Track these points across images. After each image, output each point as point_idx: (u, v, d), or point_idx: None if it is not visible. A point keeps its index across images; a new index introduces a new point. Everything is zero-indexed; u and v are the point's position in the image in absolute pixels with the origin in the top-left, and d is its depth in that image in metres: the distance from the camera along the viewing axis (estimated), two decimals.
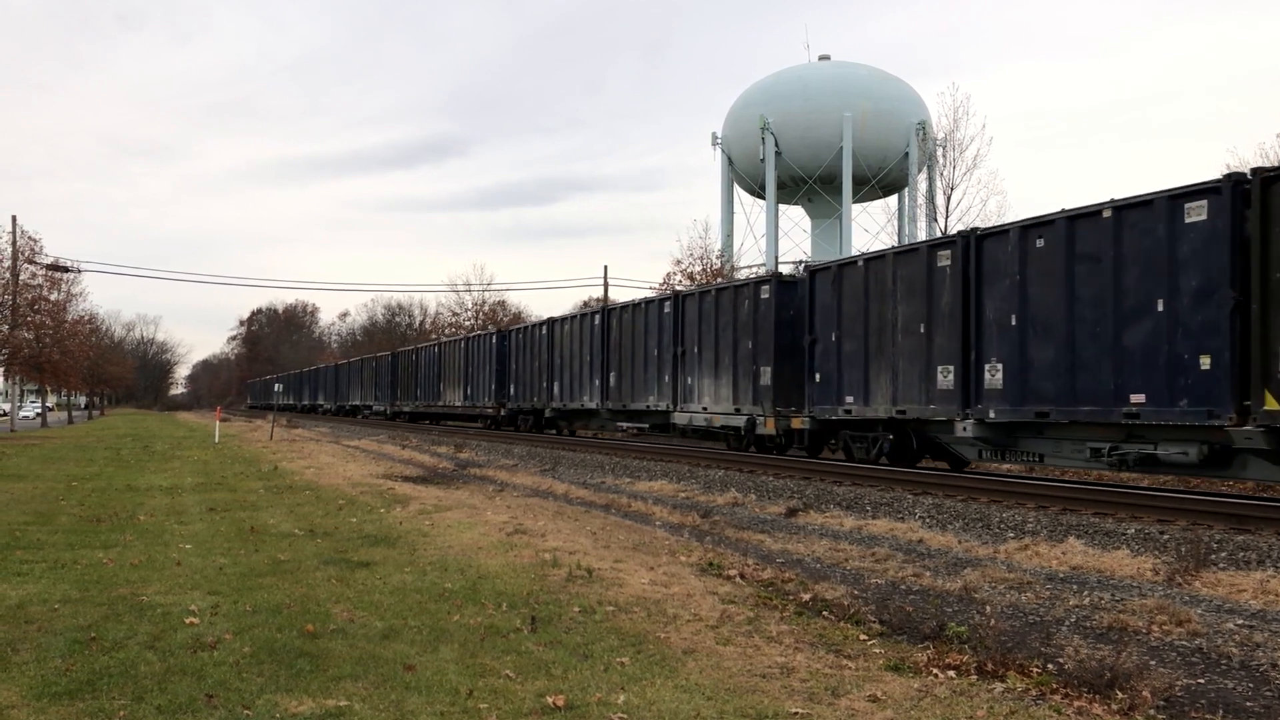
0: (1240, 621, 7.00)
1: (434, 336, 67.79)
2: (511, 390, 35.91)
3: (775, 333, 20.30)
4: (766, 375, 20.54)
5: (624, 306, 27.78)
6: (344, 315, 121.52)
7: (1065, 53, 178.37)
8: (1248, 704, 5.31)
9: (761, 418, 20.48)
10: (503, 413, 36.66)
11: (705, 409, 22.91)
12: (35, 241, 43.22)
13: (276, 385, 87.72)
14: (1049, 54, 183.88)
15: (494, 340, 37.36)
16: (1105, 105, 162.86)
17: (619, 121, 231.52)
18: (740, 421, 21.31)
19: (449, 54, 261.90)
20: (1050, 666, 5.79)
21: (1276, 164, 18.94)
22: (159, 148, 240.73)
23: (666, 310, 24.88)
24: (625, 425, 28.60)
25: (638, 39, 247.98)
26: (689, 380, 23.64)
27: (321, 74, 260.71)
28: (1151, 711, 4.95)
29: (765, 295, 20.78)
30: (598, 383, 28.58)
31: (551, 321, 32.65)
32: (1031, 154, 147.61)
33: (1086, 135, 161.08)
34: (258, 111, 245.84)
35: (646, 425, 27.26)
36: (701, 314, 23.21)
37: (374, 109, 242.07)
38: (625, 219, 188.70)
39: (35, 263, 43.52)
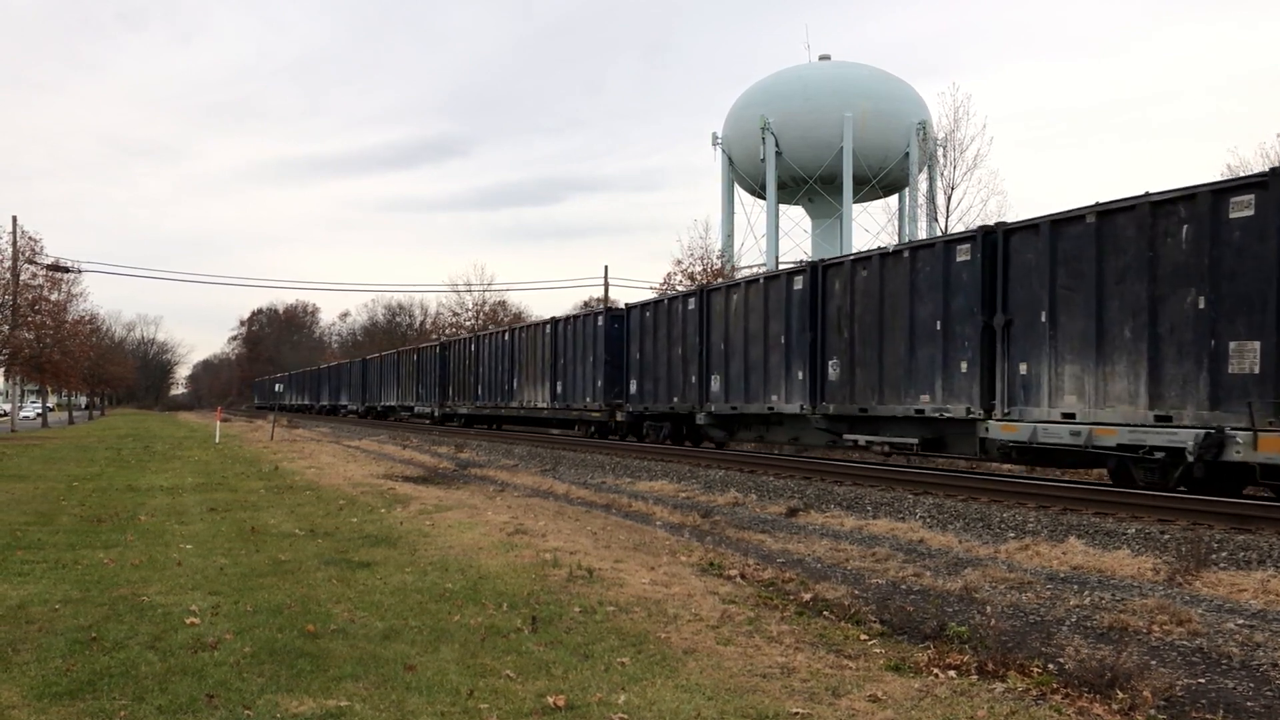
0: (1241, 621, 7.00)
1: (434, 336, 67.45)
2: (633, 388, 26.98)
3: (1277, 277, 11.16)
4: (1248, 356, 11.43)
5: (858, 259, 18.33)
6: (344, 315, 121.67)
7: (1065, 53, 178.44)
8: (1248, 704, 5.31)
9: (1244, 434, 11.27)
10: (619, 417, 27.93)
11: (1073, 417, 13.61)
12: (36, 242, 43.29)
13: (277, 385, 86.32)
14: (1049, 54, 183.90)
15: (600, 323, 28.82)
16: (1105, 105, 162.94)
17: (620, 121, 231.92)
18: (1176, 439, 12.14)
19: (449, 54, 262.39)
20: (1051, 666, 5.79)
21: None
22: (159, 148, 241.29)
23: (961, 258, 15.79)
24: (866, 440, 18.08)
25: (638, 39, 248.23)
26: (1022, 368, 14.51)
27: (322, 74, 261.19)
28: (1152, 711, 4.95)
29: (1242, 212, 11.61)
30: (801, 375, 19.44)
31: (705, 291, 23.86)
32: (1032, 154, 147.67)
33: (1086, 135, 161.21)
34: (258, 111, 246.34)
35: (913, 441, 16.89)
36: (1058, 256, 13.93)
37: (374, 109, 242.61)
38: (626, 219, 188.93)
39: (36, 263, 43.56)
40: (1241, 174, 11.24)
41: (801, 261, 29.12)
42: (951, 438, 16.43)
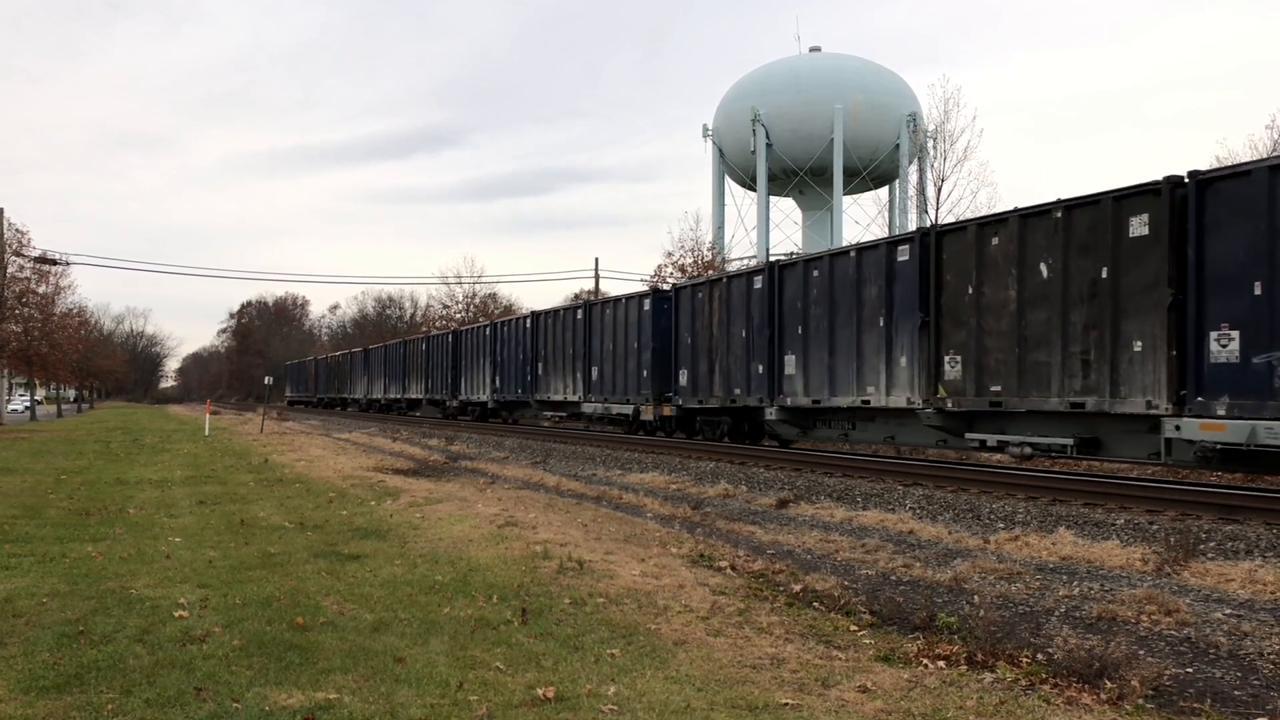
0: (1228, 611, 7.03)
1: (424, 329, 67.01)
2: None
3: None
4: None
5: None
6: (334, 308, 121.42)
7: (1068, 41, 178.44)
8: (1236, 693, 5.34)
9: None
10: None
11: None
12: (23, 234, 43.04)
13: (267, 379, 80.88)
14: (1051, 42, 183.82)
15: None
16: (1109, 94, 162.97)
17: (617, 112, 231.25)
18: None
19: (446, 44, 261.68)
20: (1040, 656, 5.81)
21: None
22: (152, 139, 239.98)
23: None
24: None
25: (637, 29, 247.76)
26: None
27: (316, 63, 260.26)
28: (1140, 701, 4.97)
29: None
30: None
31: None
32: (1033, 144, 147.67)
33: (1090, 125, 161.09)
34: (253, 102, 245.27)
35: None
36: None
37: (370, 99, 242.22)
38: (623, 210, 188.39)
39: (23, 255, 43.32)
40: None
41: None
42: None
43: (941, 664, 5.52)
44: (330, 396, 68.47)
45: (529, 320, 32.27)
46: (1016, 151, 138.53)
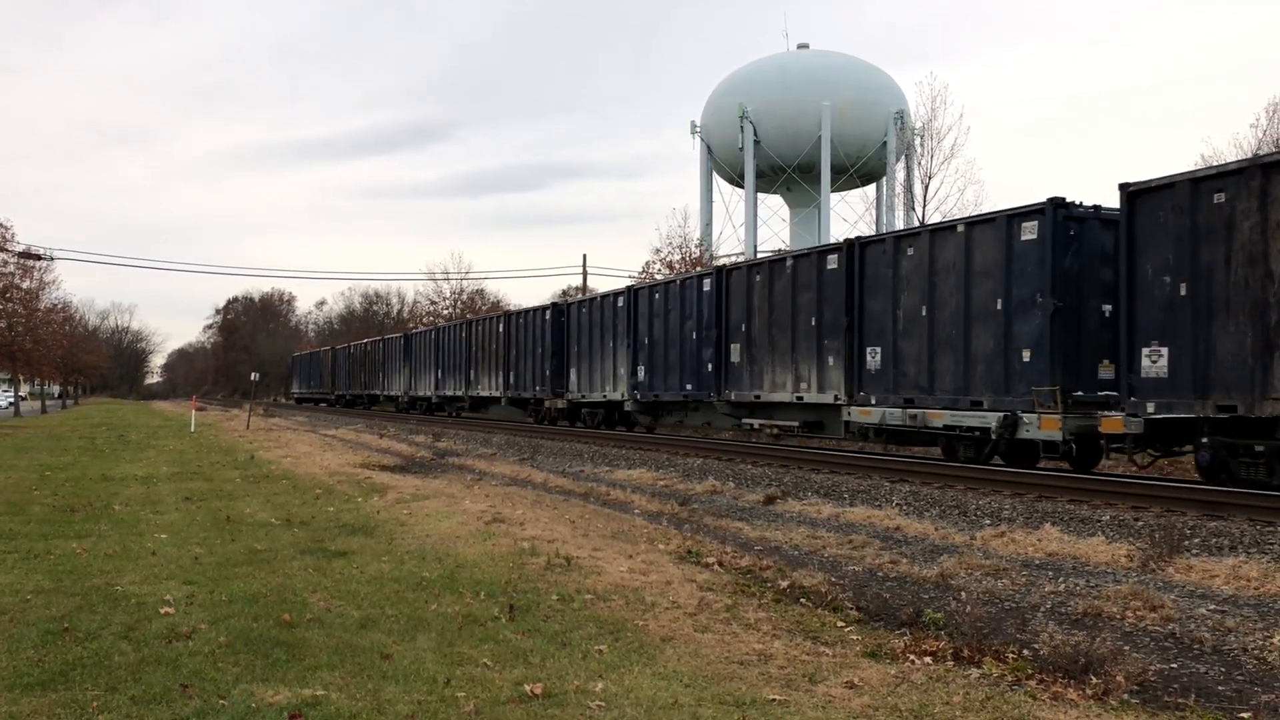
0: (1213, 607, 7.08)
1: (412, 325, 66.87)
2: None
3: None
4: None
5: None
6: (321, 304, 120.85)
7: (1063, 38, 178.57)
8: (1220, 688, 5.37)
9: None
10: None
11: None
12: (6, 229, 42.79)
13: (254, 375, 74.95)
14: (1046, 39, 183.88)
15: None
16: (1105, 92, 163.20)
17: (607, 108, 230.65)
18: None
19: (434, 37, 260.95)
20: (1026, 652, 5.83)
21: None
22: (138, 132, 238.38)
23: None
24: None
25: (627, 24, 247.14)
26: None
27: (304, 57, 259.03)
28: (1125, 696, 5.00)
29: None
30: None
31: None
32: (1032, 143, 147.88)
33: (1087, 123, 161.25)
34: (239, 96, 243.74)
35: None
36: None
37: (357, 94, 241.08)
38: (611, 207, 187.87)
39: (7, 250, 43.06)
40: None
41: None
42: None
43: (928, 660, 5.54)
44: (355, 393, 58.17)
45: (709, 281, 22.27)
46: (1013, 150, 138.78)
